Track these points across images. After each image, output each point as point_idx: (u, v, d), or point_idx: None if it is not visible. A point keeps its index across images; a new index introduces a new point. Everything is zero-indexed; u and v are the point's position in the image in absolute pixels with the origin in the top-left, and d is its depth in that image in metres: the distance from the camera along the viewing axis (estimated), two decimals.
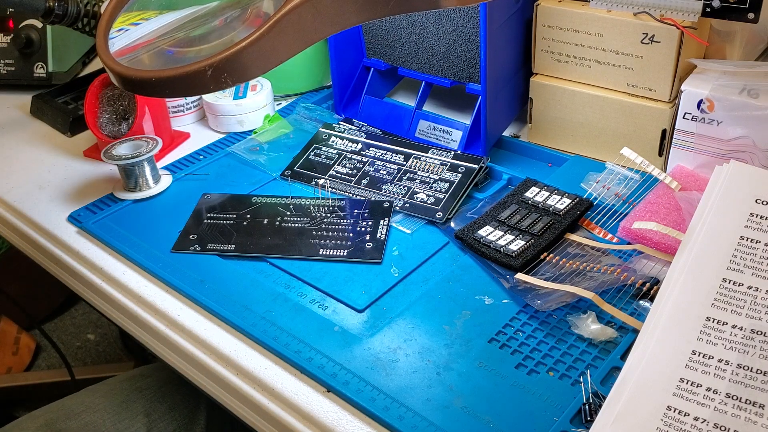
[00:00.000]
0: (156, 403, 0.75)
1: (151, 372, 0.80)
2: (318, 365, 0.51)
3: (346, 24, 0.43)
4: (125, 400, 0.75)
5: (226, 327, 0.56)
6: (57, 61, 0.93)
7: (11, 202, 0.73)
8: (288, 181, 0.71)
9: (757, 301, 0.47)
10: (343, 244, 0.62)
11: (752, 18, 0.58)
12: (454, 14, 0.70)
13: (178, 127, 0.83)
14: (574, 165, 0.70)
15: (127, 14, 0.50)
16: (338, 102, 0.81)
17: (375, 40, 0.78)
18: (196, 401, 0.77)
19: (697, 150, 0.63)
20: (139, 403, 0.75)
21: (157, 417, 0.74)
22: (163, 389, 0.77)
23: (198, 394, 0.76)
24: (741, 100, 0.59)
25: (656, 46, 0.63)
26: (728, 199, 0.52)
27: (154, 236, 0.65)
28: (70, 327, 1.60)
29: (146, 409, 0.74)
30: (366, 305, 0.56)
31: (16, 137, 0.85)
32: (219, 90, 0.42)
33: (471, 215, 0.63)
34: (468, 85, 0.73)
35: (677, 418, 0.42)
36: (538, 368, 0.49)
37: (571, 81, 0.70)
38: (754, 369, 0.43)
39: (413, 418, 0.46)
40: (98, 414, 0.72)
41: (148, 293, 0.59)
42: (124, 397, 0.75)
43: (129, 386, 0.77)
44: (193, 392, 0.76)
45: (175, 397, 0.76)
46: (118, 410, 0.73)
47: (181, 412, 0.75)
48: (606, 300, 0.53)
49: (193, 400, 0.77)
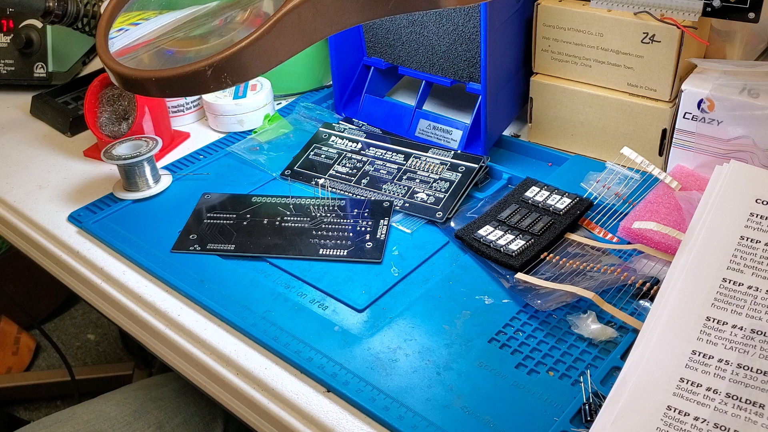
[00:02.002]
0: (170, 415, 0.72)
1: (167, 381, 0.77)
2: (318, 365, 0.51)
3: (346, 24, 0.43)
4: (138, 410, 0.72)
5: (226, 327, 0.56)
6: (57, 61, 0.93)
7: (11, 202, 0.73)
8: (288, 180, 0.71)
9: (757, 301, 0.47)
10: (343, 244, 0.62)
11: (753, 18, 0.58)
12: (454, 14, 0.70)
13: (178, 127, 0.83)
14: (574, 164, 0.70)
15: (127, 14, 0.50)
16: (338, 101, 0.81)
17: (375, 39, 0.78)
18: (212, 414, 0.74)
19: (697, 150, 0.63)
20: (152, 414, 0.72)
21: (170, 429, 0.71)
22: (179, 400, 0.74)
23: (215, 406, 0.74)
24: (741, 100, 0.59)
25: (656, 46, 0.63)
26: (728, 199, 0.52)
27: (154, 236, 0.65)
28: (70, 327, 1.60)
29: (159, 421, 0.71)
30: (366, 305, 0.56)
31: (16, 137, 0.85)
32: (219, 90, 0.42)
33: (471, 215, 0.63)
34: (468, 84, 0.73)
35: (677, 417, 0.42)
36: (538, 368, 0.49)
37: (571, 80, 0.70)
38: (754, 369, 0.43)
39: (413, 418, 0.46)
40: (108, 423, 0.70)
41: (148, 293, 0.59)
42: (137, 407, 0.72)
43: (143, 395, 0.74)
44: (209, 404, 0.74)
45: (191, 409, 0.74)
46: (130, 420, 0.71)
47: (197, 425, 0.73)
48: (606, 300, 0.53)
49: (209, 412, 0.74)
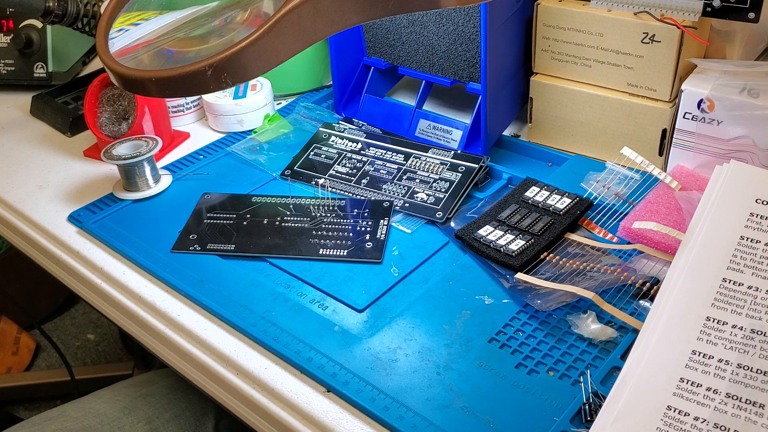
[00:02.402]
0: (160, 410, 0.72)
1: (158, 378, 0.77)
2: (318, 365, 0.51)
3: (347, 24, 0.43)
4: (128, 406, 0.72)
5: (226, 327, 0.56)
6: (57, 61, 0.93)
7: (11, 202, 0.73)
8: (288, 180, 0.71)
9: (757, 301, 0.47)
10: (343, 244, 0.62)
11: (753, 18, 0.58)
12: (454, 14, 0.70)
13: (178, 127, 0.83)
14: (574, 164, 0.70)
15: (127, 14, 0.50)
16: (338, 101, 0.81)
17: (375, 39, 0.78)
18: (204, 410, 0.74)
19: (697, 150, 0.63)
20: (142, 409, 0.72)
21: (160, 424, 0.71)
22: (170, 396, 0.74)
23: (206, 401, 0.74)
24: (741, 100, 0.59)
25: (656, 46, 0.63)
26: (728, 199, 0.52)
27: (154, 236, 0.65)
28: (70, 327, 1.60)
29: (149, 416, 0.71)
30: (366, 305, 0.56)
31: (16, 137, 0.85)
32: (219, 90, 0.42)
33: (471, 215, 0.63)
34: (468, 84, 0.73)
35: (677, 417, 0.42)
36: (538, 368, 0.49)
37: (571, 80, 0.70)
38: (754, 369, 0.43)
39: (413, 418, 0.46)
40: (96, 419, 0.70)
41: (148, 293, 0.59)
42: (127, 403, 0.73)
43: (133, 392, 0.75)
44: (201, 399, 0.75)
45: (182, 404, 0.74)
46: (119, 416, 0.71)
47: (187, 420, 0.73)
48: (606, 300, 0.53)
49: (200, 407, 0.74)
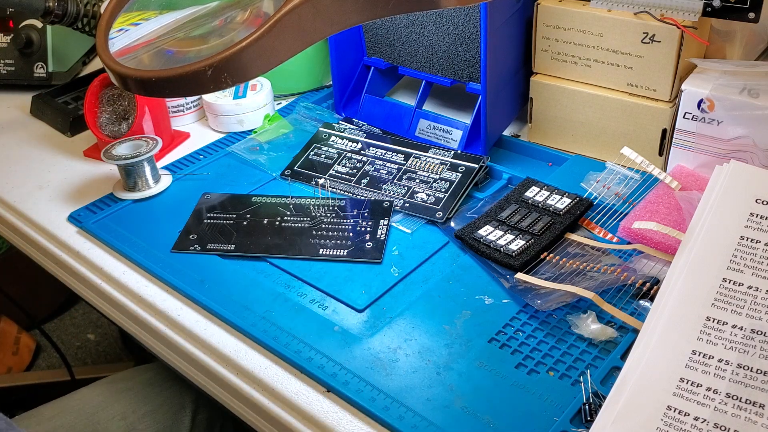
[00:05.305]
0: (135, 405, 0.72)
1: (133, 375, 0.78)
2: (318, 365, 0.51)
3: (347, 24, 0.43)
4: (102, 402, 0.72)
5: (226, 327, 0.56)
6: (57, 61, 0.93)
7: (11, 202, 0.73)
8: (288, 180, 0.71)
9: (757, 301, 0.47)
10: (343, 244, 0.62)
11: (753, 18, 0.58)
12: (454, 14, 0.70)
13: (178, 127, 0.83)
14: (574, 164, 0.70)
15: (127, 14, 0.50)
16: (338, 101, 0.81)
17: (375, 39, 0.78)
18: (181, 403, 0.74)
19: (697, 150, 0.63)
20: (116, 405, 0.72)
21: (135, 419, 0.71)
22: (146, 391, 0.74)
23: (184, 396, 0.74)
24: (741, 100, 0.59)
25: (656, 46, 0.63)
26: (728, 199, 0.52)
27: (154, 236, 0.65)
28: (70, 327, 1.60)
29: (124, 411, 0.72)
30: (366, 305, 0.56)
31: (16, 137, 0.85)
32: (219, 90, 0.42)
33: (471, 215, 0.63)
34: (468, 84, 0.73)
35: (677, 417, 0.42)
36: (538, 368, 0.49)
37: (571, 80, 0.70)
38: (754, 369, 0.43)
39: (413, 418, 0.46)
40: (70, 416, 0.70)
41: (148, 293, 0.59)
42: (101, 400, 0.73)
43: (108, 389, 0.75)
44: (178, 394, 0.75)
45: (158, 399, 0.74)
46: (94, 411, 0.71)
47: (164, 414, 0.73)
48: (606, 300, 0.53)
49: (178, 402, 0.74)
